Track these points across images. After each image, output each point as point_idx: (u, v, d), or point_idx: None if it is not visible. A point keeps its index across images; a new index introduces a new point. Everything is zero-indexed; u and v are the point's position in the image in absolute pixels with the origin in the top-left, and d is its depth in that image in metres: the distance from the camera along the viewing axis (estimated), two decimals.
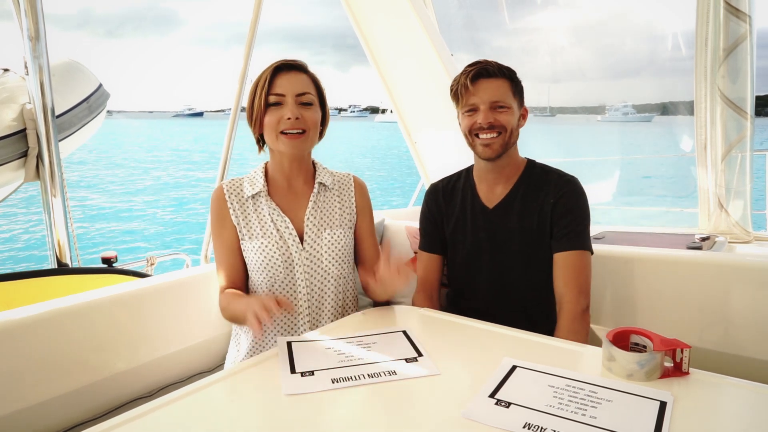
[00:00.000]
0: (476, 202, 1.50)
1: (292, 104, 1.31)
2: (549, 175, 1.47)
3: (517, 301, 1.45)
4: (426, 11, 2.55)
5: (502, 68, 1.41)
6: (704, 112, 2.27)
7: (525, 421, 0.79)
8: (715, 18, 2.14)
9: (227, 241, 1.40)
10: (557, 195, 1.42)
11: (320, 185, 1.44)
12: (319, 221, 1.41)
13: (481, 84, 1.40)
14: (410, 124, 2.84)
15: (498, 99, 1.39)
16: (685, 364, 0.94)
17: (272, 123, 1.32)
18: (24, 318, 1.33)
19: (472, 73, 1.39)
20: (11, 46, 2.52)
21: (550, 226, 1.42)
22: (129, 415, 0.83)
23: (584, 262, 1.40)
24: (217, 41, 60.00)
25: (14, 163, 2.51)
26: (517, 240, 1.44)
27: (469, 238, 1.49)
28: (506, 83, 1.41)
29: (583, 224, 1.42)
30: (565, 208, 1.41)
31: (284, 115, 1.30)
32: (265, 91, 1.31)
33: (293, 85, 1.32)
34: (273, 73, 1.32)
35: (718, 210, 2.30)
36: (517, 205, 1.45)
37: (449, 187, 1.57)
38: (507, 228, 1.45)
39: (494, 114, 1.39)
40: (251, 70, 2.33)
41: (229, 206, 1.39)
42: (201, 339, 1.72)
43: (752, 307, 1.47)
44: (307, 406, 0.87)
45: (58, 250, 2.56)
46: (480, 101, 1.39)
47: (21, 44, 2.37)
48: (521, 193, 1.46)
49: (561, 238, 1.40)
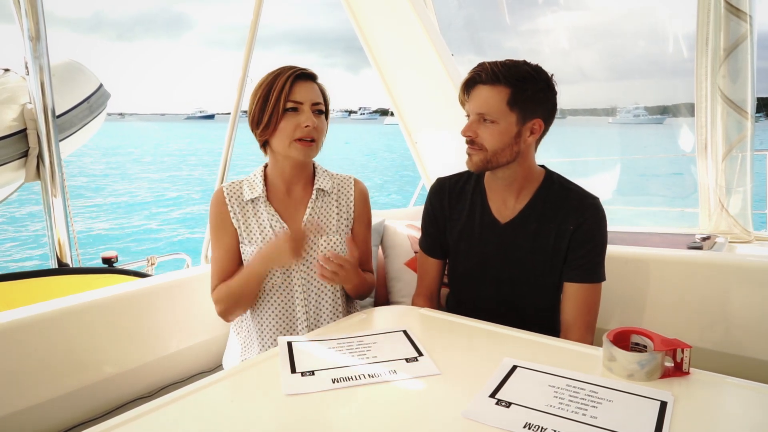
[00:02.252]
0: (486, 214, 1.38)
1: (309, 112, 1.31)
2: (570, 193, 1.34)
3: (522, 320, 1.29)
4: (426, 12, 2.55)
5: (501, 73, 1.23)
6: (705, 112, 2.26)
7: (525, 421, 0.79)
8: (716, 18, 2.14)
9: (227, 245, 1.40)
10: (579, 220, 1.30)
11: (318, 191, 1.43)
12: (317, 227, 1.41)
13: (474, 90, 1.28)
14: (410, 124, 2.84)
15: (483, 111, 1.25)
16: (685, 364, 0.93)
17: (288, 129, 1.30)
18: (24, 318, 1.33)
19: (468, 78, 1.29)
20: (12, 47, 2.52)
21: (566, 252, 1.32)
22: (129, 415, 0.84)
23: (596, 297, 1.33)
24: (228, 43, 59.26)
25: (15, 163, 2.52)
26: (528, 260, 1.34)
27: (475, 251, 1.40)
28: (503, 91, 1.23)
29: (601, 254, 1.33)
30: (585, 236, 1.30)
31: (302, 123, 1.30)
32: (284, 97, 1.29)
33: (310, 94, 1.32)
34: (293, 80, 1.31)
35: (719, 210, 2.30)
36: (532, 224, 1.34)
37: (457, 189, 1.45)
38: (518, 246, 1.35)
39: (479, 127, 1.26)
40: (251, 72, 2.33)
41: (229, 209, 1.39)
42: (201, 339, 1.72)
43: (753, 307, 1.48)
44: (307, 406, 0.87)
45: (59, 249, 2.56)
46: (470, 110, 1.29)
47: (21, 44, 2.38)
48: (538, 212, 1.34)
49: (576, 269, 1.31)
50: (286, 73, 1.32)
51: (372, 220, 1.54)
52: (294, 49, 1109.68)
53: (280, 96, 1.29)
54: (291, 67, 1.34)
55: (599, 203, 1.34)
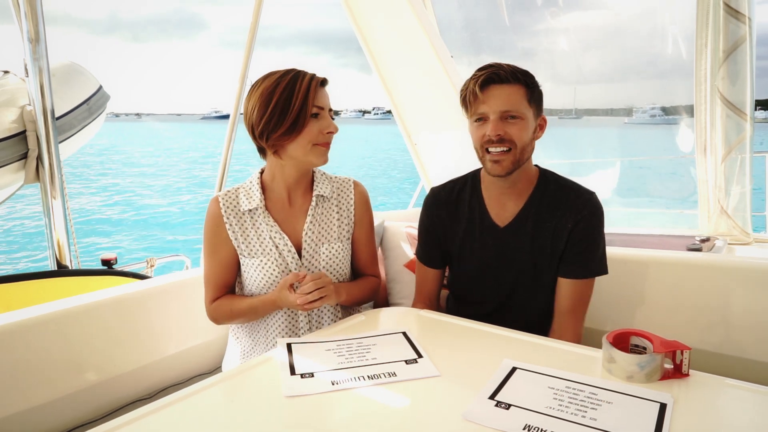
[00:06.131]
0: (485, 219, 1.38)
1: (329, 117, 1.32)
2: (565, 190, 1.35)
3: (525, 322, 1.31)
4: (426, 13, 2.56)
5: (516, 72, 1.26)
6: (704, 114, 2.27)
7: (525, 423, 0.79)
8: (715, 20, 2.15)
9: (223, 259, 1.38)
10: (576, 218, 1.31)
11: (318, 197, 1.41)
12: (317, 236, 1.39)
13: (492, 91, 1.25)
14: (410, 125, 2.84)
15: (509, 108, 1.25)
16: (685, 366, 0.93)
17: (313, 133, 1.29)
18: (24, 320, 1.33)
19: (482, 78, 1.25)
20: (11, 49, 2.52)
21: (563, 250, 1.33)
22: (129, 417, 0.84)
23: (590, 290, 1.34)
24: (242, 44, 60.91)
25: (14, 165, 2.52)
26: (528, 260, 1.35)
27: (476, 256, 1.39)
28: (521, 90, 1.26)
29: (598, 249, 1.33)
30: (583, 233, 1.31)
31: (325, 128, 1.30)
32: (311, 101, 1.27)
33: (327, 100, 1.32)
34: (317, 85, 1.29)
35: (718, 211, 2.30)
36: (530, 225, 1.34)
37: (453, 198, 1.43)
38: (518, 248, 1.35)
39: (505, 125, 1.25)
40: (251, 73, 2.33)
41: (225, 221, 1.36)
42: (201, 341, 1.72)
43: (752, 309, 1.48)
44: (307, 407, 0.87)
45: (58, 251, 2.56)
46: (490, 110, 1.25)
47: (21, 46, 2.38)
48: (534, 212, 1.34)
49: (572, 264, 1.32)
50: (305, 77, 1.28)
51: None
52: (308, 50, 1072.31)
53: (305, 101, 1.26)
54: (302, 71, 1.31)
55: (596, 198, 1.35)
